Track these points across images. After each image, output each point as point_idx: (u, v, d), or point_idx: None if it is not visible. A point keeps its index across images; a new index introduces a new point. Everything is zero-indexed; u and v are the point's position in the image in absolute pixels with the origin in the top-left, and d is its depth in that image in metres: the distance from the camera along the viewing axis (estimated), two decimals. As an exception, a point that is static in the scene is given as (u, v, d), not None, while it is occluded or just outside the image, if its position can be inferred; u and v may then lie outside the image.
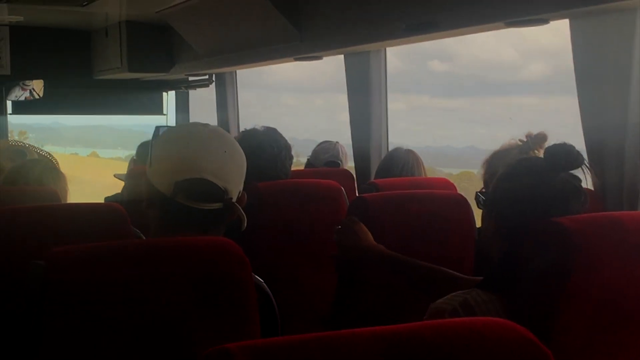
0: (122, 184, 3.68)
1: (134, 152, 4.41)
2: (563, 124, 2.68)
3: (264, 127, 3.00)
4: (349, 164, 4.31)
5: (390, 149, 3.97)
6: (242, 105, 5.82)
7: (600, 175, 2.59)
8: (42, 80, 6.17)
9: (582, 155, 1.67)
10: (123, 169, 4.47)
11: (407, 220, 2.35)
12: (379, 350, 0.88)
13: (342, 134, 4.21)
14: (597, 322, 1.52)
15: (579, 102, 2.65)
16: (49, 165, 3.04)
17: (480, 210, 1.86)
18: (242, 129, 5.70)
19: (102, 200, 3.26)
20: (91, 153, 16.03)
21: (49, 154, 3.32)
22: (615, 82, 2.51)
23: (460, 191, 2.88)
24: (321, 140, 4.49)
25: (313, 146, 4.46)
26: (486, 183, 2.47)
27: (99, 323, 1.36)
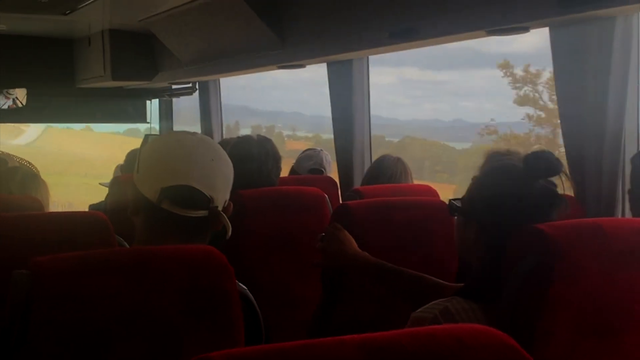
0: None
1: (129, 126, 4.38)
2: (552, 98, 2.70)
3: (258, 135, 3.03)
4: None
5: (373, 122, 3.99)
6: (227, 78, 5.72)
7: (580, 182, 2.62)
8: (25, 89, 6.15)
9: (561, 162, 1.68)
10: (120, 144, 4.45)
11: (391, 227, 2.36)
12: (361, 358, 0.88)
13: (327, 107, 4.22)
14: (579, 328, 1.52)
15: (559, 110, 2.67)
16: (30, 173, 3.04)
17: None
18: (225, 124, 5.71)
19: (98, 178, 3.26)
20: (85, 127, 15.97)
21: (29, 162, 3.32)
22: (594, 90, 2.54)
23: (475, 168, 2.82)
24: (308, 115, 4.51)
25: (300, 119, 4.49)
26: None
27: (84, 332, 1.36)
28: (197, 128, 5.85)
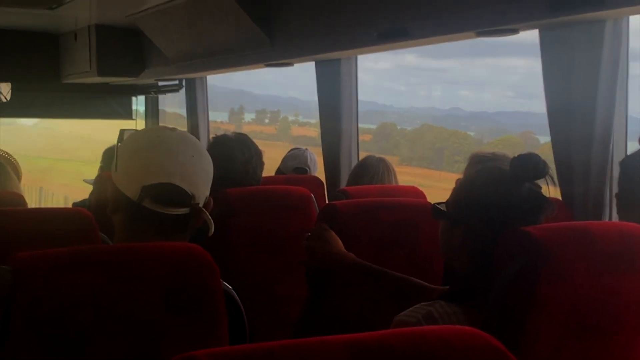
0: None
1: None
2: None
3: (234, 133, 3.03)
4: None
5: (370, 108, 3.99)
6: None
7: (568, 184, 2.62)
8: (9, 83, 6.11)
9: (547, 165, 1.67)
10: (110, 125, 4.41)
11: (377, 228, 2.35)
12: (347, 358, 0.87)
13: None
14: (565, 330, 1.53)
15: (548, 112, 2.68)
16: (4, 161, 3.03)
17: None
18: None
19: (79, 155, 3.28)
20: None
21: (7, 153, 3.33)
22: (583, 93, 2.54)
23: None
24: (305, 99, 4.51)
25: (297, 104, 4.48)
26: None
27: (66, 328, 1.35)
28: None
